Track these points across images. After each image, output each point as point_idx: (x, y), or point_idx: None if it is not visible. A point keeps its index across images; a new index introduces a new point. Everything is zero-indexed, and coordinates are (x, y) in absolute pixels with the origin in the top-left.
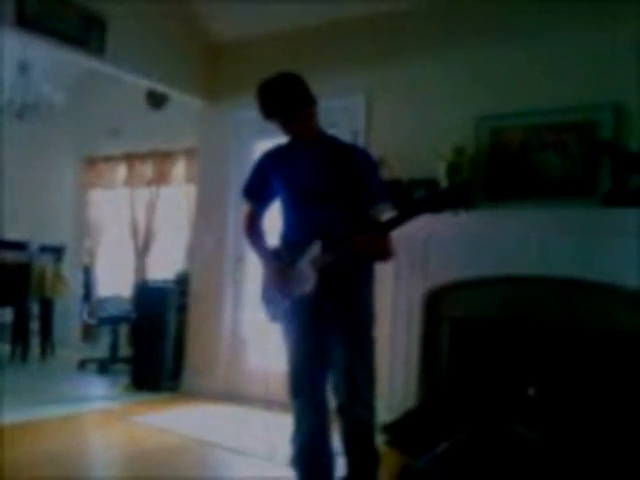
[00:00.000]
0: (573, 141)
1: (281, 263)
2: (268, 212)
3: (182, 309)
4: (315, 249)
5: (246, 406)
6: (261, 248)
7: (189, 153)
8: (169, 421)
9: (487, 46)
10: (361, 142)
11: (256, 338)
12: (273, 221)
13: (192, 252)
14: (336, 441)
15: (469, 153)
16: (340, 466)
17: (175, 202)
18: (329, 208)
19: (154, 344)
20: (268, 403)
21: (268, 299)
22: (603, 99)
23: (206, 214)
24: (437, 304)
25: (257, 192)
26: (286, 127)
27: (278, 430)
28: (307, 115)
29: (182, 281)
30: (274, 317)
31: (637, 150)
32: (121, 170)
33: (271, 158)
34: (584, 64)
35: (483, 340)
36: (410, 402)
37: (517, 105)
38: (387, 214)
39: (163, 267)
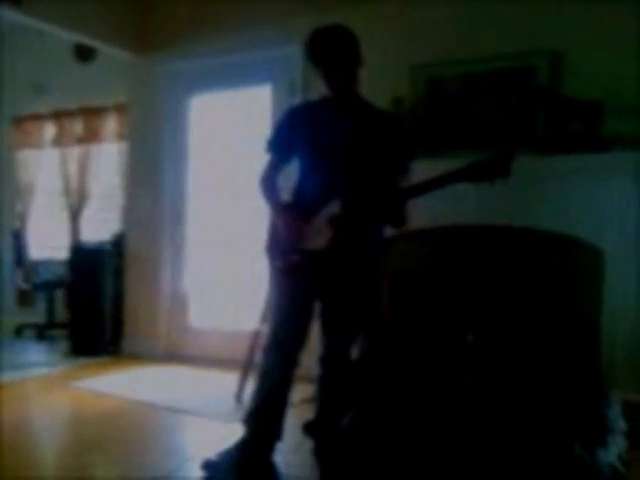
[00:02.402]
0: (510, 89)
1: (295, 217)
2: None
3: (119, 271)
4: (334, 207)
5: (189, 366)
6: (275, 200)
7: (121, 109)
8: (111, 385)
9: None
10: (298, 95)
11: (199, 298)
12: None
13: (127, 213)
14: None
15: (407, 104)
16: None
17: (108, 161)
18: (352, 172)
19: (92, 308)
20: (211, 362)
21: (275, 252)
22: (539, 45)
23: (140, 174)
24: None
25: (281, 145)
26: (333, 79)
27: (221, 388)
28: (356, 73)
29: (118, 243)
30: (277, 270)
31: (574, 96)
32: (50, 129)
33: (299, 114)
34: (520, 11)
35: (423, 291)
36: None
37: (453, 54)
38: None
39: (98, 228)
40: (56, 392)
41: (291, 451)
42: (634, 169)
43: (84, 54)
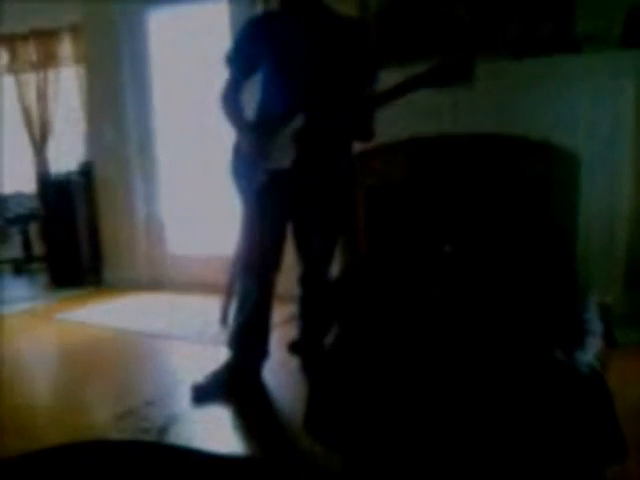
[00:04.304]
0: None
1: (260, 135)
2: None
3: (92, 201)
4: (298, 122)
5: (171, 293)
6: (238, 119)
7: (75, 29)
8: (95, 315)
9: None
10: (260, 7)
11: (176, 224)
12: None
13: (92, 142)
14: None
15: (373, 7)
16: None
17: (67, 86)
18: (315, 85)
19: (67, 239)
20: (193, 287)
21: (240, 173)
22: None
23: (100, 99)
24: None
25: (241, 58)
26: None
27: (205, 312)
28: None
29: (86, 172)
30: (244, 192)
31: None
32: (3, 55)
33: (259, 26)
34: None
35: (399, 205)
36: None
37: None
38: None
39: (66, 158)
40: (41, 325)
41: (278, 370)
42: (607, 70)
43: None
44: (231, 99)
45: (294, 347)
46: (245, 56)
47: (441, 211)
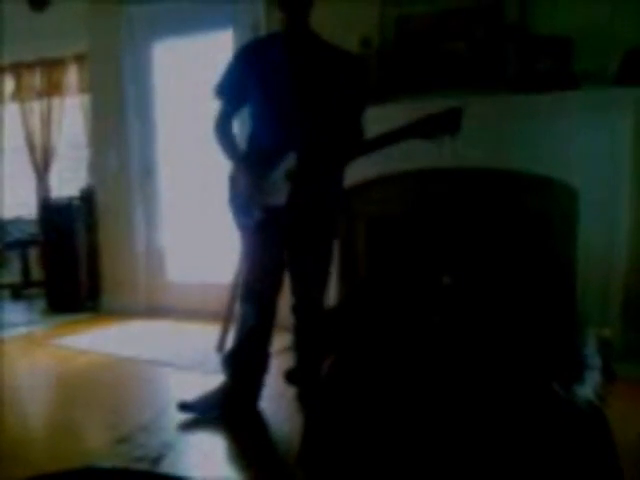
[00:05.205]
0: (480, 26)
1: (255, 173)
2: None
3: (92, 227)
4: (291, 161)
5: (169, 320)
6: (231, 151)
7: (81, 60)
8: (92, 341)
9: None
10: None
11: (176, 251)
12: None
13: (95, 169)
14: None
15: (375, 45)
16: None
17: (71, 114)
18: (308, 115)
19: (66, 265)
20: (191, 315)
21: (237, 206)
22: None
23: (104, 126)
24: (351, 203)
25: (230, 90)
26: (290, 11)
27: (203, 340)
28: (310, 7)
29: (88, 198)
30: (242, 226)
31: (543, 34)
32: (8, 82)
33: (249, 55)
34: None
35: (398, 236)
36: (330, 301)
37: None
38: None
39: (67, 184)
40: (38, 350)
41: (275, 398)
42: (605, 106)
43: (38, 1)
44: (222, 132)
45: (290, 376)
46: (234, 88)
47: (441, 243)
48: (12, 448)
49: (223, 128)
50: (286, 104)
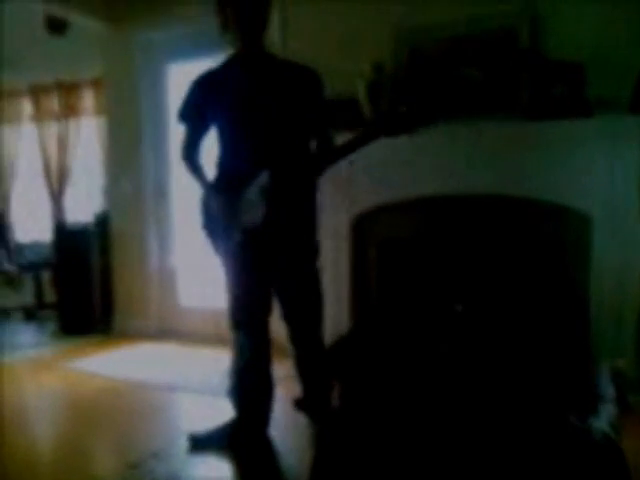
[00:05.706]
0: (493, 52)
1: (228, 195)
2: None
3: (105, 250)
4: (264, 179)
5: (180, 343)
6: (200, 177)
7: (97, 84)
8: (102, 364)
9: None
10: None
11: (188, 274)
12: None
13: (109, 193)
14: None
15: (388, 70)
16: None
17: (87, 137)
18: (275, 134)
19: (79, 288)
20: (202, 339)
21: (212, 231)
22: (520, 8)
23: (119, 150)
24: (363, 229)
25: (194, 114)
26: (245, 33)
27: (214, 364)
28: (264, 29)
29: (102, 222)
30: (221, 251)
31: (556, 59)
32: (26, 105)
33: (208, 81)
34: None
35: (411, 263)
36: (342, 327)
37: (435, 17)
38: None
39: (81, 208)
40: (48, 373)
41: (284, 426)
42: (619, 133)
43: (57, 26)
44: (188, 158)
45: (298, 404)
46: (196, 111)
47: (453, 271)
48: (21, 472)
49: (188, 154)
50: (253, 125)
